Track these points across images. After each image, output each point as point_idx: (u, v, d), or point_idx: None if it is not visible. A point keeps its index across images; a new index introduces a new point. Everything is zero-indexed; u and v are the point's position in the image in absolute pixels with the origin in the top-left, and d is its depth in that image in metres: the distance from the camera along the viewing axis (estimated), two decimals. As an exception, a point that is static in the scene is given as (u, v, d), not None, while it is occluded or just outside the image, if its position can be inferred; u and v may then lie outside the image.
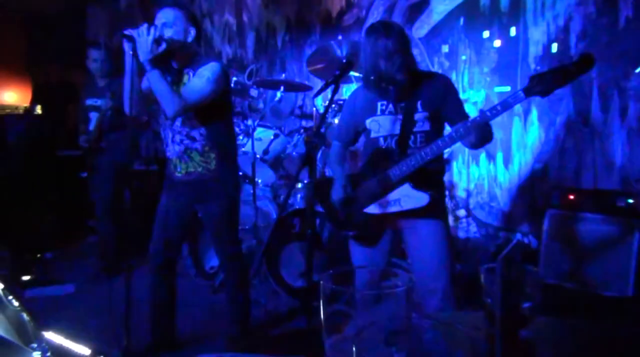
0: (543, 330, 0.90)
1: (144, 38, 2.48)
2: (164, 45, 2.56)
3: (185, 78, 2.71)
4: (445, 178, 2.59)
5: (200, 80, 2.62)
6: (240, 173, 3.84)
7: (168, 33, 2.60)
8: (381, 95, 2.37)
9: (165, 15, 2.64)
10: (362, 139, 2.60)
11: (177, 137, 2.75)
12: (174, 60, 2.73)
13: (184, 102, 2.55)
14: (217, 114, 2.74)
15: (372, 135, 2.41)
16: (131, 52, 2.54)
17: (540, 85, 1.96)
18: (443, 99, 2.34)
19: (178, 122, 2.73)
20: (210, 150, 2.74)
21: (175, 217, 2.85)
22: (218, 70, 2.65)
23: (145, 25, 2.50)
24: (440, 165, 2.49)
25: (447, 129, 2.38)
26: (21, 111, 6.27)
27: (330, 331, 0.64)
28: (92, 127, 4.32)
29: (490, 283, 0.86)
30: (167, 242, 2.85)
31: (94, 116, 4.33)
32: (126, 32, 2.52)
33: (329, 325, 0.64)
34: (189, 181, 2.78)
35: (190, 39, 2.69)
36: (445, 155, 4.12)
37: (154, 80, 2.53)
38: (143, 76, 2.64)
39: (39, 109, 6.22)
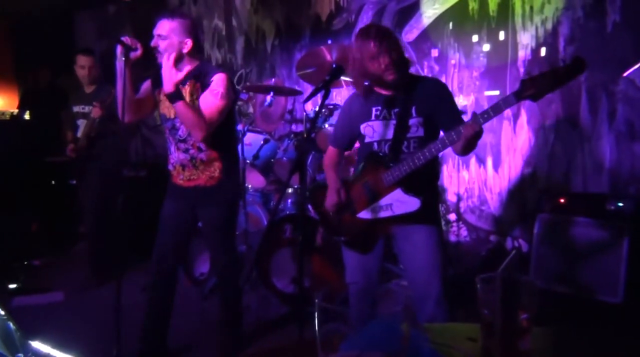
0: (539, 341, 0.89)
1: (167, 70, 2.51)
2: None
3: (192, 88, 2.67)
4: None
5: (214, 98, 2.61)
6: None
7: (162, 45, 2.59)
8: (376, 101, 2.36)
9: (160, 27, 2.62)
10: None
11: (182, 146, 2.75)
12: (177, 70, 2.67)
13: (209, 123, 2.58)
14: (223, 124, 2.71)
15: (367, 140, 2.40)
16: (123, 59, 2.56)
17: (532, 89, 1.95)
18: (437, 104, 2.31)
19: (182, 131, 2.72)
20: (215, 160, 2.75)
21: (177, 222, 2.84)
22: (227, 82, 2.65)
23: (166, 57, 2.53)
24: (434, 170, 2.48)
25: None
26: (8, 117, 6.20)
27: (326, 350, 0.62)
28: (79, 134, 4.28)
29: (487, 294, 0.85)
30: (169, 248, 2.84)
31: (81, 123, 4.29)
32: (123, 39, 2.55)
33: (325, 343, 0.62)
34: (191, 187, 2.78)
35: (185, 50, 2.64)
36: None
37: (180, 111, 2.54)
38: (138, 83, 2.65)
39: (27, 115, 6.15)
